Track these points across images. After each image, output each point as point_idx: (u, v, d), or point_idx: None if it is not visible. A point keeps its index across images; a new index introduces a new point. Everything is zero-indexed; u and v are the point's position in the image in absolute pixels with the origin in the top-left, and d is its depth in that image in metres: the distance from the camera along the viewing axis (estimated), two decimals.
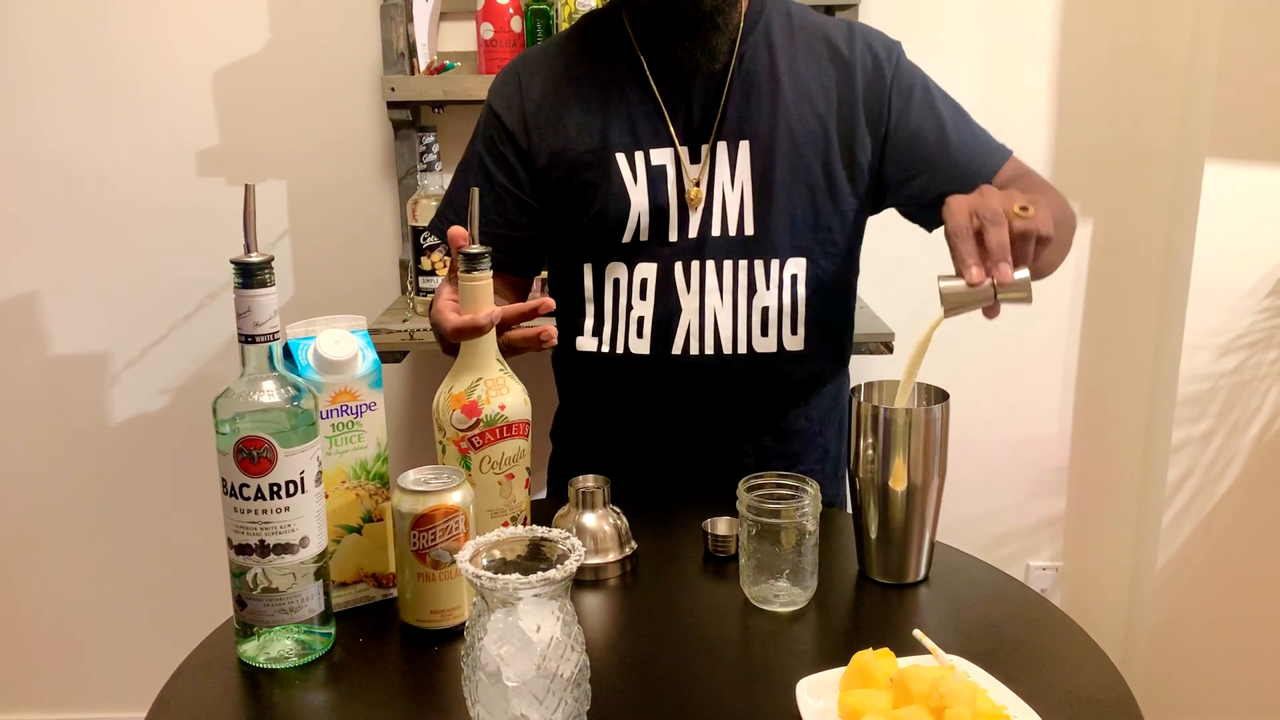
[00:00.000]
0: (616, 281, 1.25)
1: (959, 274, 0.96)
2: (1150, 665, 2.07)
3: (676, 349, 1.24)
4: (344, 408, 0.94)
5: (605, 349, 1.27)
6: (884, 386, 1.07)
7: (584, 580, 1.04)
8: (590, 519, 1.06)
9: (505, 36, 1.81)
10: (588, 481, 1.08)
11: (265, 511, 0.85)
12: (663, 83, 1.23)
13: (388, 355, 1.72)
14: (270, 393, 0.85)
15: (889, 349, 1.72)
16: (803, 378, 1.27)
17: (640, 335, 1.25)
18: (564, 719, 0.74)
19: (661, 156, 1.23)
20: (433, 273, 1.78)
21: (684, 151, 1.23)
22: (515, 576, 0.71)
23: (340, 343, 0.93)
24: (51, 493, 2.12)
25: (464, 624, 0.89)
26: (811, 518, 0.96)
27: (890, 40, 1.28)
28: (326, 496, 0.94)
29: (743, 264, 1.23)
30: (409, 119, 1.88)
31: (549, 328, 1.04)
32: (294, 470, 0.85)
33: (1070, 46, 1.92)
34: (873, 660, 0.80)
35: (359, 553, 0.97)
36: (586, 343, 1.28)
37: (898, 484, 0.99)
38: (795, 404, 1.29)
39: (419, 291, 1.80)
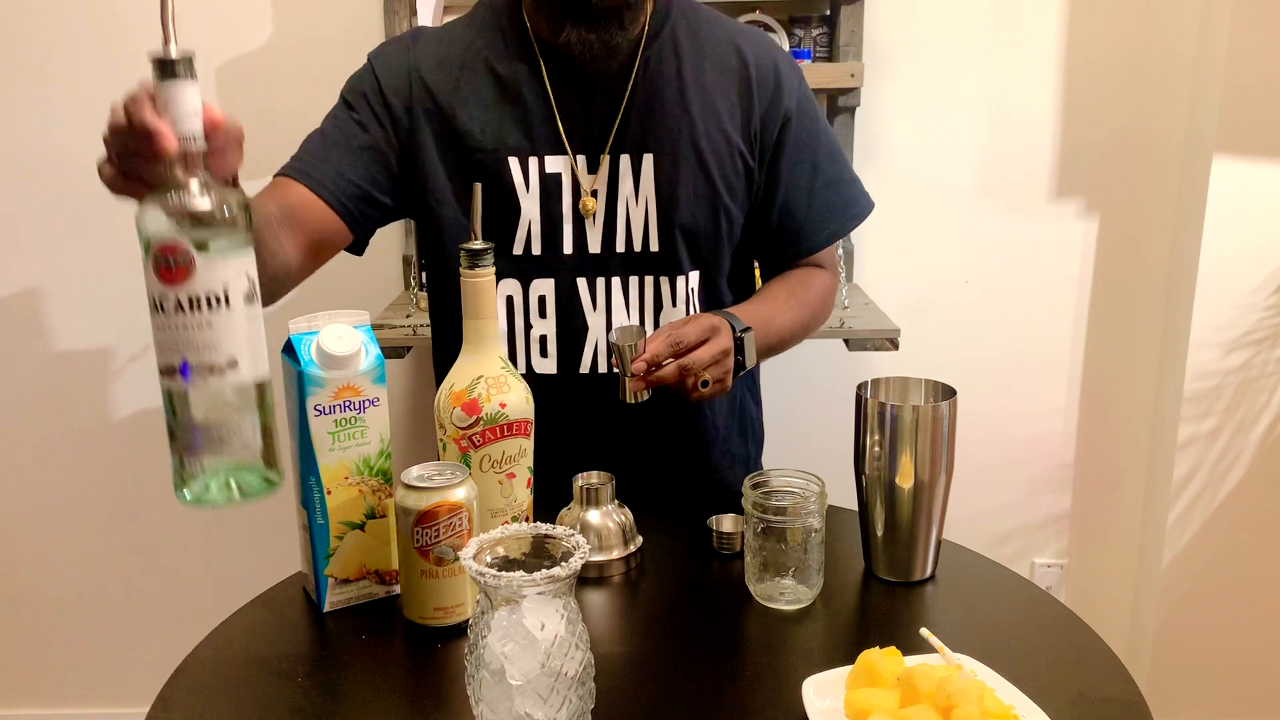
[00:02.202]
0: (510, 299, 1.21)
1: (635, 346, 1.08)
2: (1155, 663, 2.06)
3: (584, 368, 1.23)
4: (347, 403, 0.93)
5: None
6: (890, 383, 1.06)
7: (588, 577, 1.03)
8: (594, 516, 1.05)
9: None
10: (592, 478, 1.07)
11: (185, 327, 0.74)
12: (561, 86, 1.18)
13: (391, 351, 1.71)
14: (194, 195, 0.75)
15: (894, 345, 1.72)
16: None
17: (544, 354, 1.23)
18: (568, 717, 0.73)
19: (556, 164, 1.19)
20: None
21: (580, 160, 1.19)
22: (519, 574, 0.71)
23: (343, 338, 0.93)
24: (54, 488, 2.12)
25: (467, 621, 0.89)
26: (818, 515, 0.95)
27: (795, 65, 1.27)
28: (329, 493, 0.94)
29: (649, 280, 1.22)
30: None
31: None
32: (216, 281, 0.74)
33: (1076, 42, 1.91)
34: (879, 659, 0.80)
35: (362, 549, 0.97)
36: None
37: (904, 481, 0.99)
38: (703, 414, 1.29)
39: (422, 287, 1.79)
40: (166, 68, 0.73)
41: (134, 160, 0.76)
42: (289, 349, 0.93)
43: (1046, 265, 2.01)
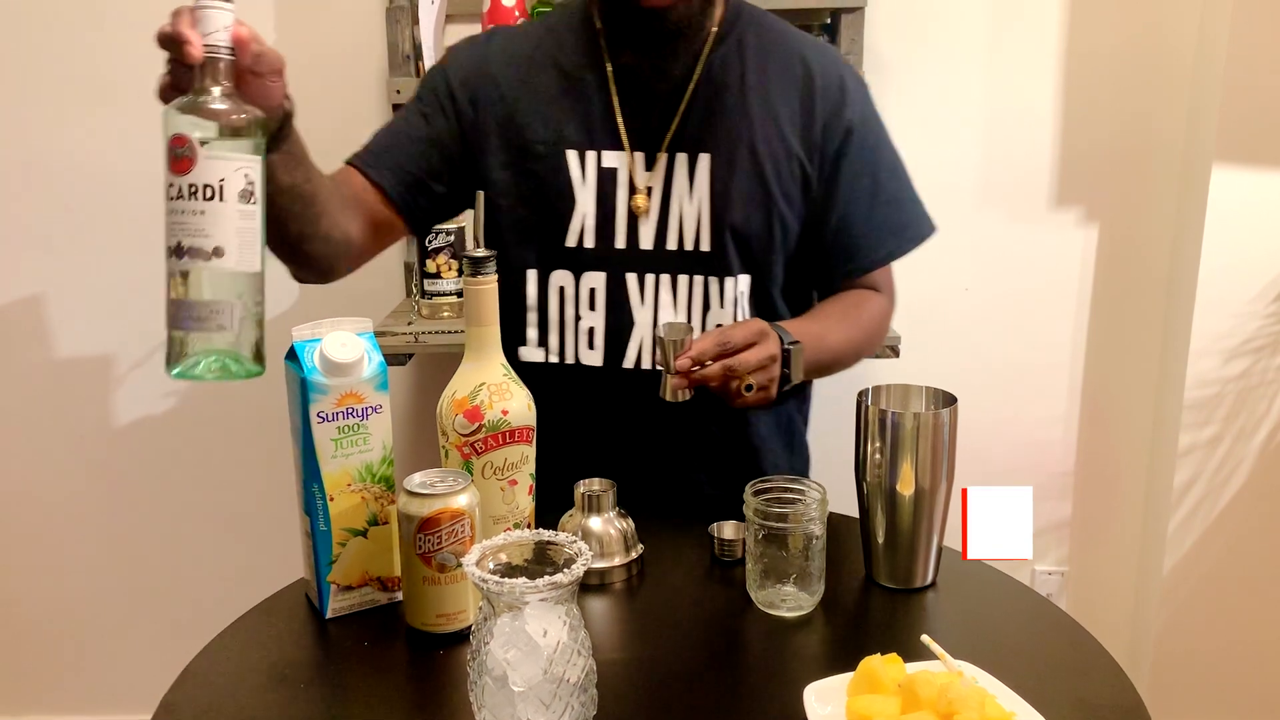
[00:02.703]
0: (562, 290, 1.23)
1: (681, 343, 1.06)
2: (1156, 671, 2.06)
3: (629, 362, 1.23)
4: (350, 410, 0.94)
5: (554, 359, 1.25)
6: (891, 390, 1.07)
7: (590, 584, 1.03)
8: (596, 522, 1.06)
9: None
10: (594, 485, 1.08)
11: (184, 212, 0.84)
12: (624, 83, 1.21)
13: (392, 358, 1.72)
14: (209, 98, 0.85)
15: (895, 353, 1.72)
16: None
17: (592, 346, 1.24)
18: None
19: (613, 159, 1.21)
20: (438, 275, 1.78)
21: (637, 157, 1.21)
22: (522, 580, 0.71)
23: (347, 345, 0.93)
24: (56, 495, 2.12)
25: (469, 628, 0.89)
26: (819, 522, 0.96)
27: (860, 80, 1.27)
28: (332, 499, 0.94)
29: (698, 280, 1.22)
30: None
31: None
32: (213, 175, 0.83)
33: (1076, 51, 1.92)
34: (881, 665, 0.80)
35: (364, 556, 0.97)
36: (532, 353, 1.26)
37: (905, 488, 0.99)
38: (747, 421, 1.28)
39: (424, 294, 1.80)
40: None
41: (173, 66, 0.87)
42: (292, 355, 0.94)
43: (1047, 273, 2.01)
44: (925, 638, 0.85)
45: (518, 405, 0.98)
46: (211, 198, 0.83)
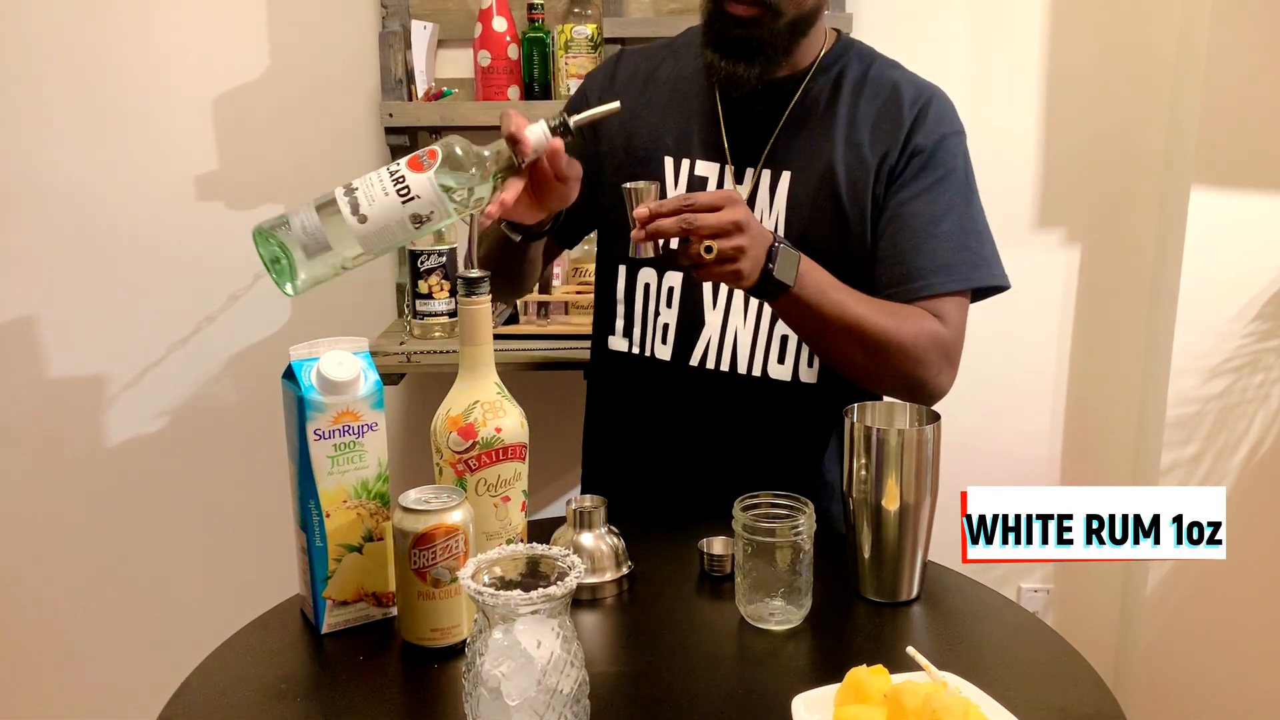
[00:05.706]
0: (647, 286, 1.30)
1: (643, 194, 1.06)
2: (1141, 690, 2.07)
3: (695, 360, 1.27)
4: (346, 428, 0.95)
5: (635, 350, 1.32)
6: (876, 408, 1.09)
7: (581, 600, 1.05)
8: (588, 539, 1.07)
9: (502, 64, 1.84)
10: (585, 501, 1.09)
11: (376, 181, 1.01)
12: (728, 101, 1.26)
13: (384, 378, 1.71)
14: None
15: None
16: (814, 410, 1.28)
17: (664, 341, 1.29)
18: None
19: (707, 169, 1.27)
20: (430, 296, 1.79)
21: (730, 170, 1.27)
22: (517, 593, 0.73)
23: (343, 364, 0.95)
24: (49, 514, 2.12)
25: (463, 642, 0.91)
26: (807, 537, 0.97)
27: (953, 120, 1.28)
28: (328, 516, 0.95)
29: None
30: (407, 144, 1.90)
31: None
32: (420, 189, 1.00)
33: (1056, 75, 1.96)
34: (867, 676, 0.82)
35: (359, 572, 0.98)
36: (618, 342, 1.33)
37: (890, 504, 1.01)
38: (804, 433, 1.30)
39: (415, 314, 1.81)
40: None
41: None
42: (290, 374, 0.95)
43: (1029, 293, 2.04)
44: (910, 649, 0.87)
45: (511, 423, 1.00)
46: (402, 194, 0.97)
